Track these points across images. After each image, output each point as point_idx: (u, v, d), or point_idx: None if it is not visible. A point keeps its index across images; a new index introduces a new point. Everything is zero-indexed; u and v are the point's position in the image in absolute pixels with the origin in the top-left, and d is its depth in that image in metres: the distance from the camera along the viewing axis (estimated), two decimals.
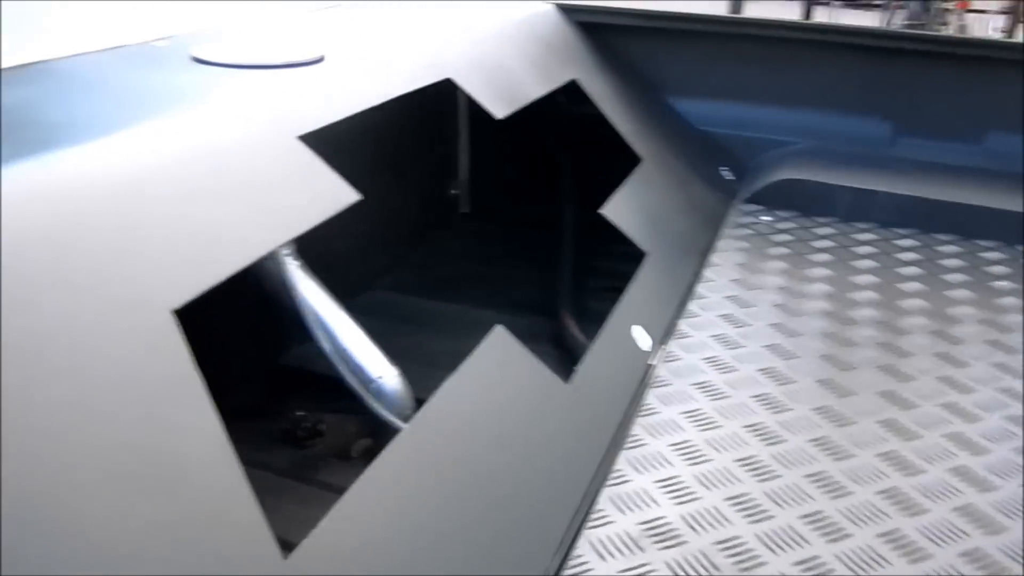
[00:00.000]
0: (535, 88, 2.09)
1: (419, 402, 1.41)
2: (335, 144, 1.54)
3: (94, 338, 0.95)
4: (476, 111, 2.44)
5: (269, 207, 1.25)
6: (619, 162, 2.22)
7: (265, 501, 1.30)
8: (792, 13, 10.39)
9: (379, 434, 1.60)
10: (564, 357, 1.93)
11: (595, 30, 2.64)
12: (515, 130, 2.26)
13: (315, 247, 1.77)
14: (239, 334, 1.92)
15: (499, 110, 1.88)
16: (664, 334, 1.80)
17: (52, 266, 0.97)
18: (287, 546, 0.97)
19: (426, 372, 1.45)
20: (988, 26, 10.08)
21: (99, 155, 1.16)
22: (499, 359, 1.42)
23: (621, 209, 1.98)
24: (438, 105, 2.75)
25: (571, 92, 2.31)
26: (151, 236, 1.08)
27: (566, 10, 2.63)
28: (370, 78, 1.73)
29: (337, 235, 2.32)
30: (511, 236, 2.73)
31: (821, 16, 11.04)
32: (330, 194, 1.35)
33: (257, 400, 1.91)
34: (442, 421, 1.26)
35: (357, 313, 2.33)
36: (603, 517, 1.28)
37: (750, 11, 10.12)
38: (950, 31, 9.51)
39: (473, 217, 2.86)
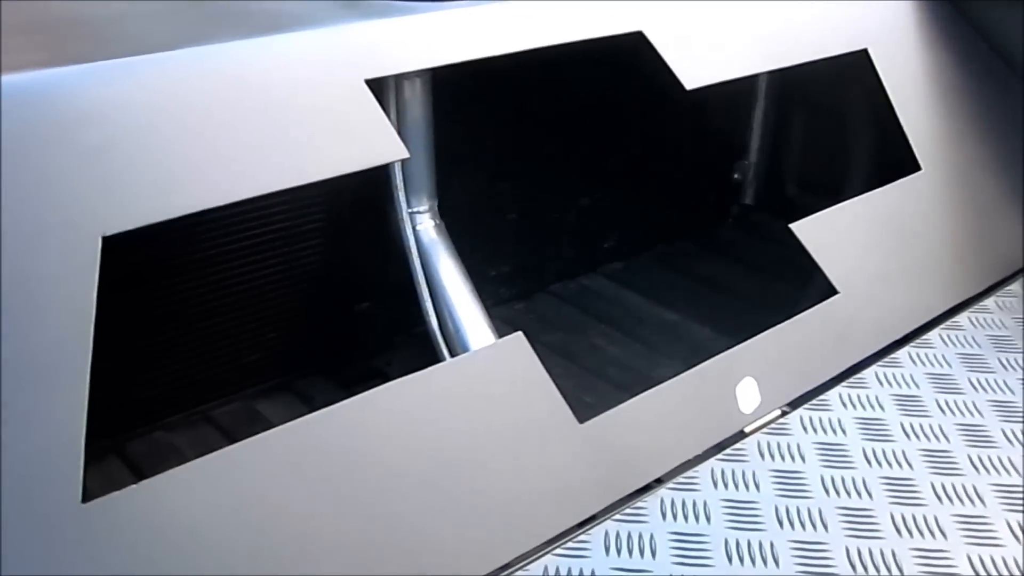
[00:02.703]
0: (782, 55, 1.66)
1: None
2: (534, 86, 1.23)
3: (18, 251, 1.00)
4: (780, 76, 1.97)
5: (291, 150, 1.17)
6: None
7: None
8: None
9: None
10: None
11: None
12: (830, 107, 1.84)
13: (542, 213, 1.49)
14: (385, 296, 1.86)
15: (694, 79, 1.48)
16: (798, 399, 1.43)
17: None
18: None
19: (581, 381, 1.26)
20: None
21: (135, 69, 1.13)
22: (503, 368, 1.23)
23: (830, 228, 1.59)
24: None
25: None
26: (131, 161, 1.05)
27: None
28: (537, 20, 1.43)
29: (561, 203, 2.15)
30: (793, 239, 2.32)
31: None
32: (373, 146, 1.21)
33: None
34: (388, 409, 1.13)
35: (555, 298, 2.15)
36: None
37: None
38: None
39: (757, 209, 2.48)
